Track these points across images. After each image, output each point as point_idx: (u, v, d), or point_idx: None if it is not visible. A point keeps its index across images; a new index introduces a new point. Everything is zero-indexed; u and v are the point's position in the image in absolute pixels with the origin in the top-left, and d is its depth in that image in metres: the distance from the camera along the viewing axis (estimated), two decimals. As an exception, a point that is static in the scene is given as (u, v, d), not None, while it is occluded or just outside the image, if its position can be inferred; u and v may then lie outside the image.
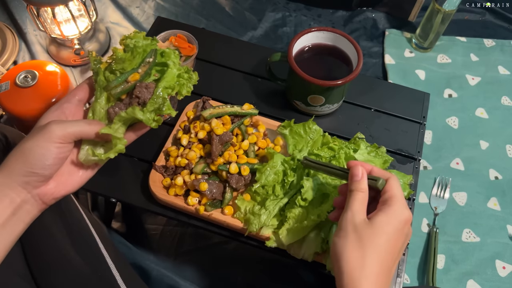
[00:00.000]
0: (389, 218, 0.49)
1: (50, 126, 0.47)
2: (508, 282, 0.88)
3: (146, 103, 0.52)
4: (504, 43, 1.22)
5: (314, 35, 0.79)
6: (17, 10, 1.20)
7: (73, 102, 0.53)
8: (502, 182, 1.00)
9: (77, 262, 0.63)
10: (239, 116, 0.73)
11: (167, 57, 0.56)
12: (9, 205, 0.46)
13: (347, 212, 0.50)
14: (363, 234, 0.48)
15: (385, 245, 0.47)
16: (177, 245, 0.89)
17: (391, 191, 0.51)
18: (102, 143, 0.53)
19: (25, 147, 0.46)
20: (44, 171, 0.46)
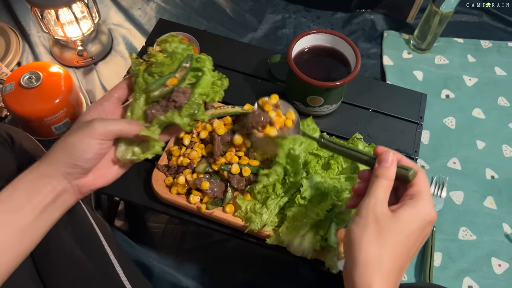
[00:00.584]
0: (416, 214, 0.46)
1: (93, 123, 0.50)
2: (503, 279, 0.90)
3: (182, 108, 0.54)
4: (501, 44, 1.23)
5: (313, 37, 0.80)
6: (20, 12, 1.21)
7: (113, 101, 0.56)
8: (498, 181, 1.01)
9: (81, 259, 0.64)
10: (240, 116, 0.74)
11: (203, 63, 0.58)
12: (50, 192, 0.49)
13: (370, 199, 0.47)
14: (385, 226, 0.45)
15: (405, 242, 0.45)
16: (179, 243, 0.91)
17: (420, 186, 0.48)
18: (138, 142, 0.56)
19: (69, 141, 0.49)
20: (85, 164, 0.50)
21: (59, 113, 0.96)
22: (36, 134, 0.98)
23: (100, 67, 1.14)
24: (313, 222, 0.64)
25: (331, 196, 0.64)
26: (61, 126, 0.99)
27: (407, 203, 0.47)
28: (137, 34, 1.21)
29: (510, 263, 0.92)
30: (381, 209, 0.46)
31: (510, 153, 1.06)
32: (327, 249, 0.64)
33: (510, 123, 1.10)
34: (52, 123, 0.97)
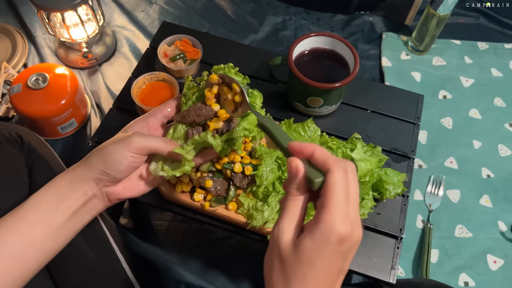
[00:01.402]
0: (317, 242, 0.37)
1: (132, 137, 0.52)
2: (498, 275, 0.92)
3: (223, 134, 0.56)
4: (498, 46, 1.26)
5: (313, 39, 0.82)
6: (26, 15, 1.24)
7: (158, 118, 0.58)
8: (494, 180, 1.04)
9: (89, 255, 0.66)
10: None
11: (253, 99, 0.59)
12: (83, 196, 0.51)
13: (274, 227, 0.40)
14: (287, 263, 0.38)
15: (314, 276, 0.37)
16: (183, 240, 0.93)
17: (327, 196, 0.37)
18: (172, 160, 0.57)
19: (107, 149, 0.52)
20: (116, 174, 0.52)
21: (65, 114, 0.98)
22: (42, 134, 1.00)
23: (105, 68, 1.16)
24: (313, 219, 0.66)
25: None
26: (66, 126, 1.02)
27: (308, 228, 0.38)
28: (140, 36, 1.23)
29: (505, 260, 0.94)
30: (284, 240, 0.38)
31: (505, 153, 1.08)
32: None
33: (506, 123, 1.12)
34: (58, 123, 0.99)
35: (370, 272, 0.70)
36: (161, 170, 0.56)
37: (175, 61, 0.85)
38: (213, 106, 0.57)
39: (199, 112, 0.57)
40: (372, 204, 0.69)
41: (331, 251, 0.37)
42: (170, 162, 0.57)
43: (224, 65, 0.60)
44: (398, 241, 0.74)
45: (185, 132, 0.57)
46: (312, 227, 0.37)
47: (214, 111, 0.57)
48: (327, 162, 0.39)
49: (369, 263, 0.71)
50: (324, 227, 0.36)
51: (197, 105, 0.57)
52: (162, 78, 0.82)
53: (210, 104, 0.57)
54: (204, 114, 0.57)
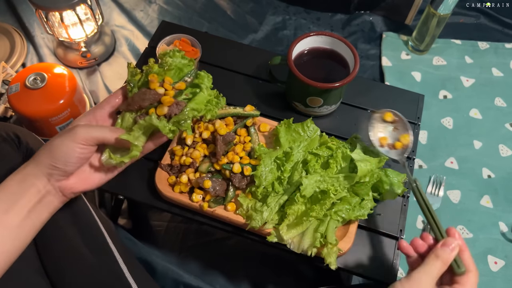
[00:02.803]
0: None
1: (76, 128, 0.51)
2: (499, 276, 0.92)
3: (171, 118, 0.55)
4: (498, 46, 1.25)
5: (313, 39, 0.82)
6: (25, 14, 1.23)
7: (106, 109, 0.57)
8: (495, 181, 1.03)
9: (87, 256, 0.66)
10: (242, 117, 0.76)
11: (201, 80, 0.59)
12: (36, 194, 0.51)
13: (425, 274, 0.52)
14: None
15: None
16: (181, 241, 0.92)
17: (466, 284, 0.52)
18: (123, 149, 0.56)
19: (53, 144, 0.51)
20: (65, 167, 0.51)
21: (63, 114, 0.97)
22: (40, 134, 0.99)
23: (103, 68, 1.16)
24: (313, 220, 0.66)
25: (330, 195, 0.66)
26: (65, 126, 1.01)
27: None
28: (139, 35, 1.23)
29: (506, 261, 0.93)
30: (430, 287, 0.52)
31: (506, 153, 1.07)
32: (326, 246, 0.65)
33: (506, 123, 1.12)
34: (57, 123, 0.99)
35: (370, 273, 0.70)
36: (110, 158, 0.55)
37: (174, 61, 0.84)
38: (157, 89, 0.56)
39: (143, 96, 0.55)
40: (372, 204, 0.68)
41: None
42: (122, 150, 0.56)
43: (169, 50, 0.59)
44: (398, 242, 0.73)
45: (133, 120, 0.56)
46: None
47: (159, 94, 0.56)
48: (471, 263, 0.55)
49: (369, 264, 0.70)
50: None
51: (142, 90, 0.56)
52: (161, 77, 0.81)
53: (154, 87, 0.56)
54: (149, 98, 0.56)
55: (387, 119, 0.73)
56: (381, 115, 0.73)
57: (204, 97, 0.58)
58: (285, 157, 0.70)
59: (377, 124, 0.74)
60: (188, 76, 0.59)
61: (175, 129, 0.55)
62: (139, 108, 0.56)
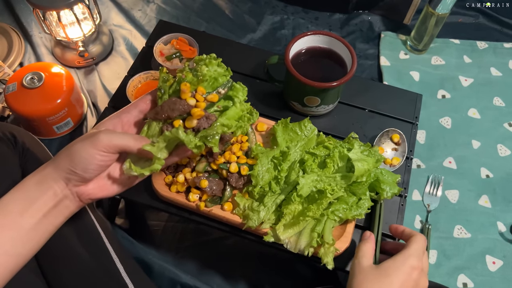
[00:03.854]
0: (395, 263, 0.55)
1: (99, 134, 0.49)
2: (497, 276, 0.91)
3: (199, 132, 0.51)
4: (497, 45, 1.25)
5: (310, 38, 0.82)
6: (22, 13, 1.23)
7: (133, 114, 0.55)
8: (493, 180, 1.03)
9: (83, 256, 0.66)
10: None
11: (235, 92, 0.55)
12: (53, 197, 0.49)
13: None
14: (370, 276, 0.55)
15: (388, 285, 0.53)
16: (179, 241, 0.92)
17: (410, 242, 0.58)
18: (146, 159, 0.53)
19: (74, 148, 0.49)
20: (84, 173, 0.49)
21: (60, 113, 0.97)
22: (37, 134, 1.00)
23: (101, 67, 1.16)
24: (310, 220, 0.66)
25: (327, 194, 0.65)
26: (62, 126, 1.01)
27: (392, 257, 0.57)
28: (137, 35, 1.22)
29: (504, 261, 0.93)
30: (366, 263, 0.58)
31: (505, 153, 1.07)
32: (323, 246, 0.65)
33: (505, 123, 1.12)
34: (54, 123, 0.98)
35: (367, 273, 0.70)
36: (130, 168, 0.52)
37: (171, 60, 0.84)
38: (188, 100, 0.52)
39: (173, 106, 0.52)
40: (369, 204, 0.68)
41: (404, 272, 0.54)
42: (144, 161, 0.53)
43: (206, 56, 0.55)
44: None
45: (159, 129, 0.52)
46: (394, 255, 0.56)
47: (190, 105, 0.52)
48: (411, 232, 0.62)
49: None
50: (403, 254, 0.56)
51: (172, 99, 0.52)
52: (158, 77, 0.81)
53: (186, 98, 0.52)
54: (179, 108, 0.52)
55: (394, 139, 0.82)
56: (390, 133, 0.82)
57: (236, 112, 0.54)
58: (282, 157, 0.70)
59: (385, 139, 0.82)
60: (223, 87, 0.55)
61: (201, 144, 0.51)
62: (167, 118, 0.52)
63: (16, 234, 0.49)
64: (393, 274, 0.54)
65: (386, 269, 0.55)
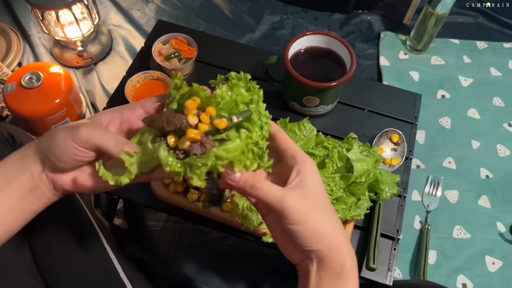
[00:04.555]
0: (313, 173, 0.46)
1: (80, 127, 0.45)
2: (497, 277, 0.91)
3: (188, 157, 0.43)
4: (496, 45, 1.25)
5: (309, 38, 0.81)
6: (21, 13, 1.23)
7: (136, 112, 0.49)
8: (493, 181, 1.03)
9: (81, 256, 0.66)
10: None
11: (252, 126, 0.46)
12: (30, 179, 0.46)
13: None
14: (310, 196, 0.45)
15: (327, 198, 0.46)
16: (177, 241, 0.92)
17: (291, 146, 0.47)
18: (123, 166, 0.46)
19: (56, 133, 0.46)
20: (57, 162, 0.46)
21: (59, 113, 0.97)
22: (36, 134, 0.99)
23: (100, 67, 1.15)
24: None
25: (326, 195, 0.65)
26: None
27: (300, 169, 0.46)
28: (136, 35, 1.22)
29: (504, 261, 0.93)
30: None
31: (504, 153, 1.07)
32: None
33: (504, 123, 1.11)
34: (52, 123, 0.98)
35: (366, 273, 0.70)
36: (98, 169, 0.46)
37: (170, 60, 0.84)
38: (189, 118, 0.44)
39: (171, 119, 0.44)
40: (368, 204, 0.68)
41: (319, 175, 0.47)
42: (122, 168, 0.46)
43: (235, 74, 0.46)
44: (395, 242, 0.73)
45: (151, 140, 0.46)
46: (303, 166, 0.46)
47: (189, 123, 0.44)
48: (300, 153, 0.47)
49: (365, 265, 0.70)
50: (309, 162, 0.46)
51: (172, 111, 0.45)
52: (157, 77, 0.81)
53: (188, 114, 0.44)
54: (175, 123, 0.44)
55: (393, 140, 0.81)
56: (389, 133, 0.82)
57: (239, 146, 0.45)
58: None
59: (384, 140, 0.82)
60: (238, 115, 0.46)
61: (180, 171, 0.43)
62: (161, 129, 0.45)
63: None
64: (323, 193, 0.46)
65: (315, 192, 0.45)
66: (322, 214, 0.44)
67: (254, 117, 0.46)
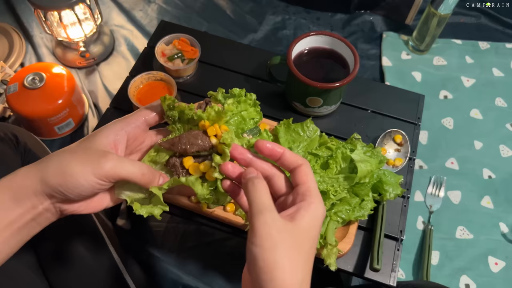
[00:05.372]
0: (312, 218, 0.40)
1: (105, 162, 0.42)
2: (500, 277, 0.91)
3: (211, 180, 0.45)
4: (499, 46, 1.25)
5: (313, 39, 0.81)
6: (23, 14, 1.23)
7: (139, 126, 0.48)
8: (495, 181, 1.03)
9: (85, 257, 0.66)
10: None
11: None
12: (31, 210, 0.43)
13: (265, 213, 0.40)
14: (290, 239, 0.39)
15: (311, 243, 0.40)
16: (180, 242, 0.92)
17: (307, 183, 0.42)
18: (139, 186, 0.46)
19: (71, 170, 0.42)
20: (78, 198, 0.44)
21: (62, 113, 0.97)
22: (39, 134, 0.99)
23: (102, 68, 1.15)
24: (312, 221, 0.66)
25: (330, 195, 0.65)
26: (63, 126, 1.01)
27: (303, 207, 0.41)
28: (138, 35, 1.22)
29: (507, 262, 0.93)
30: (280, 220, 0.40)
31: (507, 153, 1.07)
32: (326, 247, 0.65)
33: (507, 123, 1.11)
34: (55, 123, 0.98)
35: (370, 274, 0.69)
36: (129, 200, 0.46)
37: (173, 61, 0.84)
38: (212, 138, 0.45)
39: (193, 141, 0.45)
40: (372, 205, 0.68)
41: (317, 227, 0.41)
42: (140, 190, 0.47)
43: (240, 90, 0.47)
44: (398, 243, 0.73)
45: (168, 160, 0.47)
46: (307, 207, 0.40)
47: (212, 144, 0.45)
48: (296, 159, 0.43)
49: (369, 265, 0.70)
50: (315, 206, 0.41)
51: (192, 132, 0.46)
52: (160, 77, 0.81)
53: (211, 135, 0.45)
54: (200, 144, 0.45)
55: (396, 140, 0.81)
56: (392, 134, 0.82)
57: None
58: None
59: (388, 140, 0.82)
60: (249, 133, 0.48)
61: (210, 198, 0.45)
62: (183, 152, 0.46)
63: None
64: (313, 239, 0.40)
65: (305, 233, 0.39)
66: (294, 256, 0.38)
67: (264, 134, 0.48)
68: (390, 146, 0.81)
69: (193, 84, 0.87)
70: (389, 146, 0.81)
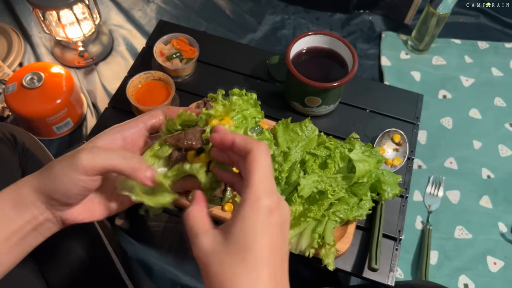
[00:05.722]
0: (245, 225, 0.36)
1: (80, 154, 0.41)
2: (499, 277, 0.91)
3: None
4: (498, 45, 1.25)
5: (311, 38, 0.81)
6: (22, 13, 1.23)
7: (138, 130, 0.47)
8: (494, 181, 1.03)
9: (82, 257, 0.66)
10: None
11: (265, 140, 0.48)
12: (31, 221, 0.43)
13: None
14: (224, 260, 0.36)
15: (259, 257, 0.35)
16: (179, 242, 0.92)
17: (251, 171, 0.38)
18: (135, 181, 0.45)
19: (54, 170, 0.42)
20: (67, 199, 0.43)
21: (60, 113, 0.97)
22: (37, 134, 0.99)
23: (101, 67, 1.15)
24: (310, 221, 0.65)
25: (328, 195, 0.65)
26: (62, 126, 1.01)
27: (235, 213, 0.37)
28: (137, 35, 1.22)
29: (506, 262, 0.93)
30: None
31: (506, 153, 1.07)
32: (324, 247, 0.65)
33: (506, 123, 1.11)
34: (54, 123, 0.98)
35: (368, 274, 0.69)
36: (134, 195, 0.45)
37: (172, 60, 0.84)
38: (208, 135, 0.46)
39: (199, 136, 0.46)
40: (370, 205, 0.68)
41: (264, 233, 0.35)
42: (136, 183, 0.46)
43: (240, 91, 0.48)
44: (397, 243, 0.73)
45: (171, 153, 0.47)
46: (239, 208, 0.36)
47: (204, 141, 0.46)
48: (246, 144, 0.39)
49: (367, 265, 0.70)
50: (249, 204, 0.36)
51: (197, 128, 0.47)
52: (158, 77, 0.81)
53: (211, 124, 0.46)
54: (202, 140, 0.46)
55: (395, 140, 0.81)
56: (391, 134, 0.82)
57: None
58: (283, 157, 0.70)
59: (386, 140, 0.82)
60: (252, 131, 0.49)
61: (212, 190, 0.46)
62: (188, 147, 0.46)
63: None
64: (253, 245, 0.35)
65: (239, 240, 0.35)
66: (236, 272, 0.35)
67: (266, 133, 0.49)
68: (388, 146, 0.81)
69: (192, 84, 0.87)
70: (387, 145, 0.81)
